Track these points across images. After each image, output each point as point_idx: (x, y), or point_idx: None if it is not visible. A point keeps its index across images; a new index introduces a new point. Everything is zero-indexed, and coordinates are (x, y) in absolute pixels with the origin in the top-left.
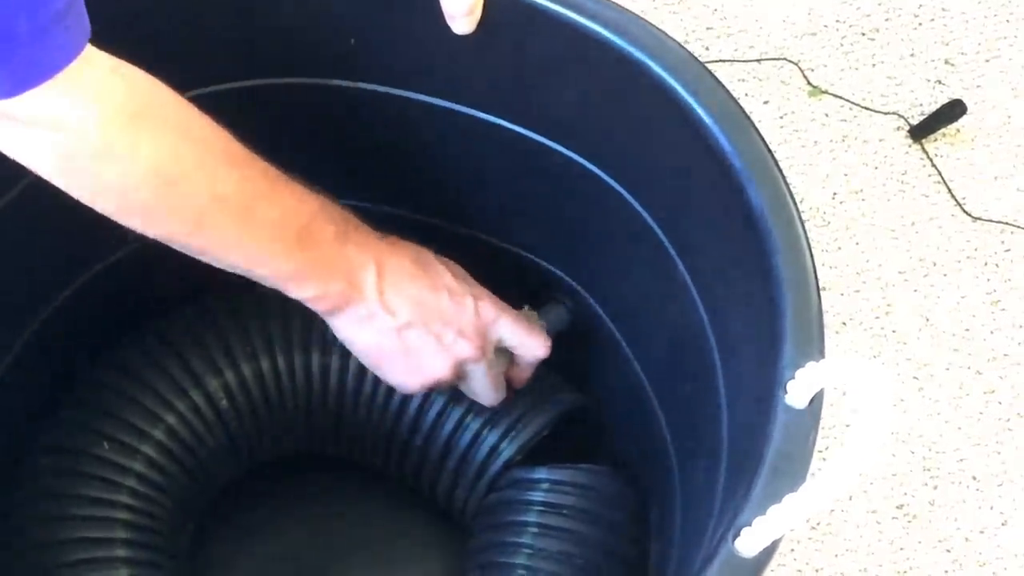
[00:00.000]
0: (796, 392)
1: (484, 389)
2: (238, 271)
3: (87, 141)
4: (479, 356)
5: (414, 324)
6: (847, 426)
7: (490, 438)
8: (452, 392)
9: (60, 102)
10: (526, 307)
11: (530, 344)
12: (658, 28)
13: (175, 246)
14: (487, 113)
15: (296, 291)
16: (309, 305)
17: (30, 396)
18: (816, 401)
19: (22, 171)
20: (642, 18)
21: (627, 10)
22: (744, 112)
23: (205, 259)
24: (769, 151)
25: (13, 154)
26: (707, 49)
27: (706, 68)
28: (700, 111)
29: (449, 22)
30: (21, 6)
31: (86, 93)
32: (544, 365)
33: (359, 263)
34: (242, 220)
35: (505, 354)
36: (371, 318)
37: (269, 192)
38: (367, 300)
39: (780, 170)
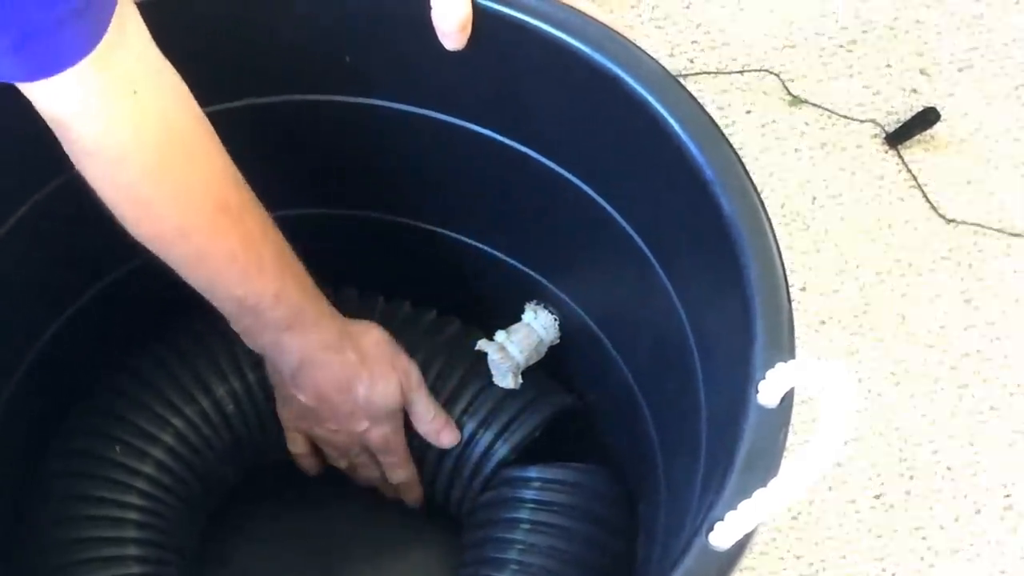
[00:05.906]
0: (767, 392)
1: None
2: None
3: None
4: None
5: (311, 414)
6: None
7: (485, 439)
8: (448, 396)
9: (73, 92)
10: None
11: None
12: (634, 44)
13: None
14: (474, 124)
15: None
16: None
17: (45, 402)
18: (786, 400)
19: (31, 186)
20: (619, 34)
21: (605, 26)
22: (715, 124)
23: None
24: (740, 161)
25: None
26: (692, 62)
27: (678, 82)
28: (673, 123)
29: (441, 39)
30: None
31: (99, 88)
32: (536, 368)
33: (287, 349)
34: (206, 270)
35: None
36: (282, 387)
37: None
38: (284, 380)
39: (751, 179)
